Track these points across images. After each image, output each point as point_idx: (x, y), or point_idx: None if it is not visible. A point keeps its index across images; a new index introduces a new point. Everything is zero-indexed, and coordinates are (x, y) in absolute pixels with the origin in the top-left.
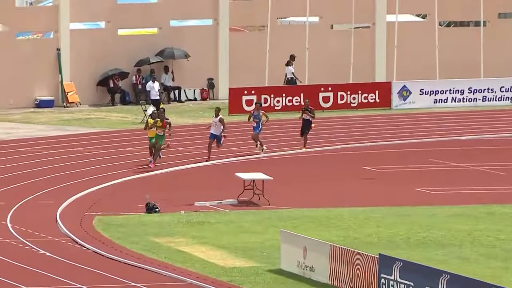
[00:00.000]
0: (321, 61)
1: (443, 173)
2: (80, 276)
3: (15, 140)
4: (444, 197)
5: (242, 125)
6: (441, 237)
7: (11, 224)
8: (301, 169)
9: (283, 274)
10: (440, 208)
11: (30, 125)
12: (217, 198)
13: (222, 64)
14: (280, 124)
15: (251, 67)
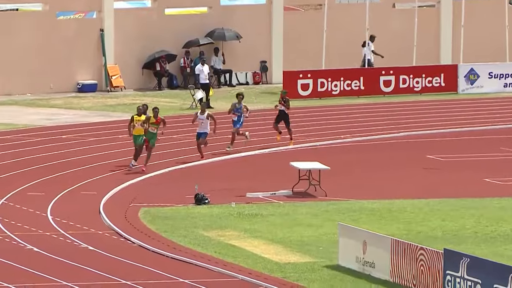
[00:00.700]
0: (382, 42)
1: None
2: (124, 271)
3: (56, 126)
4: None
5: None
6: (510, 231)
7: (51, 216)
8: (360, 158)
9: (341, 270)
10: (510, 200)
11: (72, 111)
12: (270, 189)
13: (275, 45)
14: (338, 110)
15: (306, 49)
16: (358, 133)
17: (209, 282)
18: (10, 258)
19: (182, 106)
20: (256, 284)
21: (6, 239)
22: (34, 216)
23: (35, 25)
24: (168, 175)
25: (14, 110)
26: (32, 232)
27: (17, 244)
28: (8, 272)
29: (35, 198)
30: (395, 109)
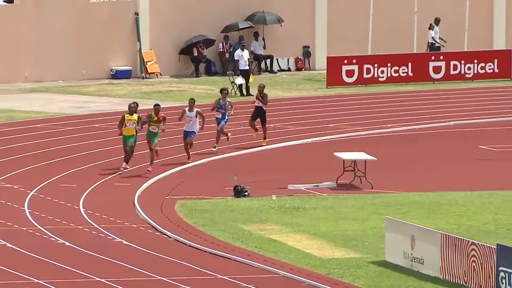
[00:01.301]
0: None
1: None
2: (160, 266)
3: (88, 115)
4: None
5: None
6: None
7: (84, 209)
8: (408, 149)
9: (388, 266)
10: None
11: (105, 98)
12: (313, 181)
13: (319, 29)
14: (385, 98)
15: (351, 33)
16: (406, 122)
17: (249, 278)
18: (41, 253)
19: None
20: (299, 281)
21: (36, 232)
22: (66, 208)
23: (67, 8)
24: (205, 166)
25: (45, 98)
26: (64, 225)
27: (48, 238)
28: (38, 267)
29: (67, 189)
30: (445, 97)
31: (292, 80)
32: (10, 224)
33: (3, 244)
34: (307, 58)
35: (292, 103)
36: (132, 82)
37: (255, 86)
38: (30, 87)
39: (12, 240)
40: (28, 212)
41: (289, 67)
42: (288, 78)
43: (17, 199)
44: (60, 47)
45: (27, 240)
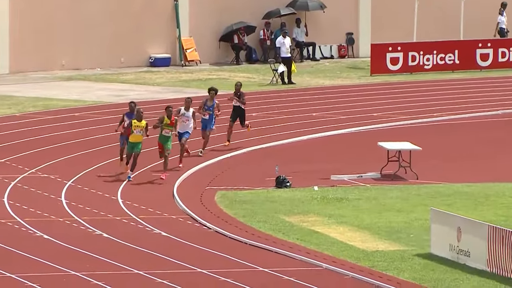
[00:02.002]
0: (478, 13)
1: None
2: (199, 258)
3: (126, 103)
4: None
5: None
6: None
7: (122, 200)
8: (454, 138)
9: (434, 259)
10: None
11: (144, 87)
12: (356, 171)
13: (363, 16)
14: (430, 86)
15: (396, 19)
16: (452, 111)
17: (290, 271)
18: (78, 244)
19: (262, 81)
20: (342, 274)
21: (74, 223)
22: (104, 199)
23: None
24: (246, 156)
25: (83, 86)
26: (101, 216)
27: (86, 229)
28: (75, 259)
29: (105, 180)
30: (493, 85)
31: (335, 68)
32: (47, 215)
33: (40, 235)
34: (351, 45)
35: (335, 92)
36: (171, 70)
37: (297, 74)
38: (67, 75)
39: (49, 231)
40: (65, 203)
41: (332, 54)
42: (331, 65)
43: (54, 190)
44: (98, 34)
45: (64, 231)
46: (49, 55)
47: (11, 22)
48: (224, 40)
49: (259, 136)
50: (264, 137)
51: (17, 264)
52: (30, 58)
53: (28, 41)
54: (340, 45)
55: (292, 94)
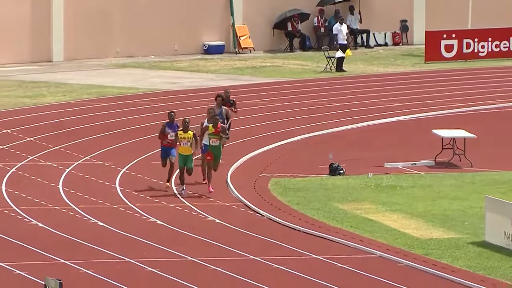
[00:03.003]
0: None
1: None
2: (253, 246)
3: (180, 91)
4: None
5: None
6: None
7: (175, 186)
8: (509, 126)
9: (488, 247)
10: None
11: (197, 74)
12: (410, 159)
13: (417, 3)
14: (486, 73)
15: (451, 6)
16: (507, 98)
17: (344, 259)
18: (132, 231)
19: (316, 68)
20: (396, 261)
21: (128, 210)
22: (157, 186)
23: None
24: (300, 144)
25: (137, 73)
26: (155, 203)
27: (140, 216)
28: (129, 245)
29: (158, 167)
30: None
31: (389, 55)
32: (101, 202)
33: (94, 222)
34: (405, 32)
35: (389, 79)
36: (224, 57)
37: (351, 60)
38: (122, 63)
39: (104, 218)
40: (119, 190)
41: (386, 41)
42: (385, 53)
43: (108, 177)
44: (152, 22)
45: (118, 218)
46: (103, 42)
47: (65, 10)
48: (277, 27)
49: (312, 124)
50: (318, 124)
51: (71, 251)
52: (85, 46)
53: (83, 29)
54: (394, 32)
55: (346, 81)
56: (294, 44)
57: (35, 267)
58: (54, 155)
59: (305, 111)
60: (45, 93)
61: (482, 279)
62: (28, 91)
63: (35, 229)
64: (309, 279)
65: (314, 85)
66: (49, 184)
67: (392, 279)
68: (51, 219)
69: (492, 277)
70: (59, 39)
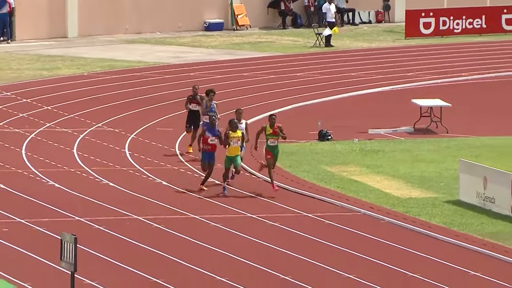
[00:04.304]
0: None
1: None
2: (249, 205)
3: (183, 64)
4: None
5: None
6: None
7: (179, 151)
8: (483, 95)
9: (462, 205)
10: None
11: (199, 49)
12: (392, 125)
13: None
14: (460, 48)
15: None
16: (480, 71)
17: (331, 216)
18: (140, 191)
19: (306, 44)
20: (378, 219)
21: (136, 172)
22: (162, 150)
23: None
24: (291, 112)
25: (144, 48)
26: (161, 166)
27: (147, 178)
28: (137, 204)
29: (164, 133)
30: None
31: (373, 31)
32: (111, 165)
33: (106, 183)
34: (387, 11)
35: (373, 53)
36: (223, 34)
37: (339, 37)
38: (131, 38)
39: (114, 180)
40: (128, 154)
41: (370, 19)
42: (369, 30)
43: (118, 142)
44: (158, 1)
45: (127, 179)
46: (114, 20)
47: None
48: (272, 6)
49: (303, 94)
50: (308, 94)
51: (85, 209)
52: (97, 23)
53: (95, 7)
54: (377, 11)
55: (333, 55)
56: (287, 21)
57: (52, 224)
58: (69, 122)
59: (296, 83)
60: (61, 66)
61: (456, 234)
62: (45, 64)
63: (52, 189)
64: (300, 234)
65: (304, 59)
66: (64, 149)
67: (375, 235)
68: (67, 180)
69: (465, 232)
70: (73, 17)
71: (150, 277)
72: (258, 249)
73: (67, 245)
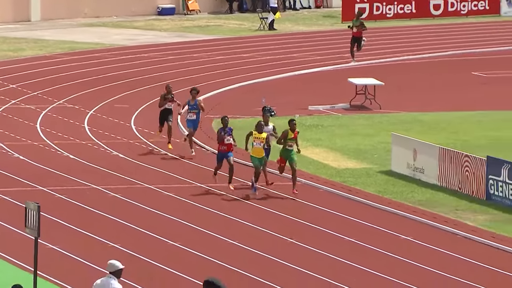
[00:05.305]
0: None
1: None
2: (198, 175)
3: (138, 46)
4: None
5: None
6: None
7: (135, 126)
8: (412, 75)
9: (394, 175)
10: None
11: (152, 32)
12: (330, 102)
13: None
14: (393, 31)
15: None
16: (410, 52)
17: (275, 186)
18: (99, 163)
19: (251, 27)
20: (318, 188)
21: (95, 146)
22: (119, 126)
23: None
24: (238, 90)
25: (102, 31)
26: (118, 140)
27: (104, 150)
28: (93, 174)
29: (120, 110)
30: (444, 31)
31: (313, 16)
32: (72, 139)
33: (67, 156)
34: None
35: (312, 36)
36: (175, 18)
37: (281, 21)
38: (89, 22)
39: (75, 152)
40: (87, 129)
41: (310, 5)
42: (309, 14)
43: (78, 118)
44: None
45: (87, 152)
46: (74, 5)
47: None
48: None
49: (248, 74)
50: (253, 74)
51: (48, 179)
52: (58, 8)
53: None
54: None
55: (276, 38)
56: (233, 6)
57: (17, 193)
58: (33, 99)
59: (242, 63)
60: (25, 47)
61: (389, 201)
62: (11, 46)
63: (17, 161)
64: (244, 202)
65: (249, 42)
66: (28, 124)
67: (315, 202)
68: (31, 153)
69: (397, 200)
70: (36, 2)
71: (108, 242)
72: (206, 216)
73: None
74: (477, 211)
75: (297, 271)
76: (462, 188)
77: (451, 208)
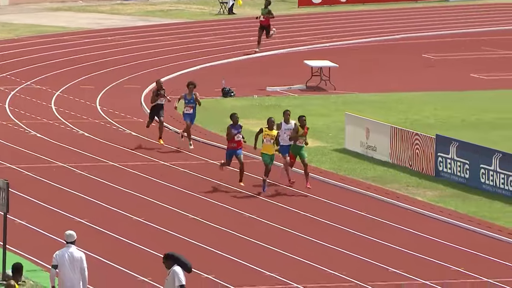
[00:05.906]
0: None
1: (495, 60)
2: (162, 153)
3: (103, 29)
4: (496, 82)
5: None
6: (493, 119)
7: (100, 106)
8: (365, 57)
9: (348, 153)
10: (492, 93)
11: (117, 16)
12: (287, 83)
13: None
14: (347, 16)
15: None
16: (363, 35)
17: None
18: (65, 141)
19: (211, 11)
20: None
21: (61, 125)
22: (85, 106)
23: None
24: (199, 72)
25: (68, 16)
26: (83, 120)
27: (71, 130)
28: (62, 153)
29: (86, 90)
30: (395, 15)
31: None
32: (39, 118)
33: (34, 134)
34: None
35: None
36: (139, 2)
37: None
38: (55, 6)
39: (42, 131)
40: (54, 109)
41: None
42: None
43: (45, 98)
44: None
45: (54, 131)
46: None
47: None
48: None
49: (209, 56)
50: (213, 56)
51: (16, 157)
52: None
53: None
54: None
55: (235, 22)
56: None
57: None
58: (1, 81)
59: (203, 46)
60: None
61: (343, 178)
62: None
63: None
64: (206, 179)
65: (210, 25)
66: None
67: (271, 179)
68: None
69: (351, 177)
70: None
71: (74, 217)
72: (170, 192)
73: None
74: (427, 187)
75: (257, 245)
76: (412, 165)
77: (402, 184)
